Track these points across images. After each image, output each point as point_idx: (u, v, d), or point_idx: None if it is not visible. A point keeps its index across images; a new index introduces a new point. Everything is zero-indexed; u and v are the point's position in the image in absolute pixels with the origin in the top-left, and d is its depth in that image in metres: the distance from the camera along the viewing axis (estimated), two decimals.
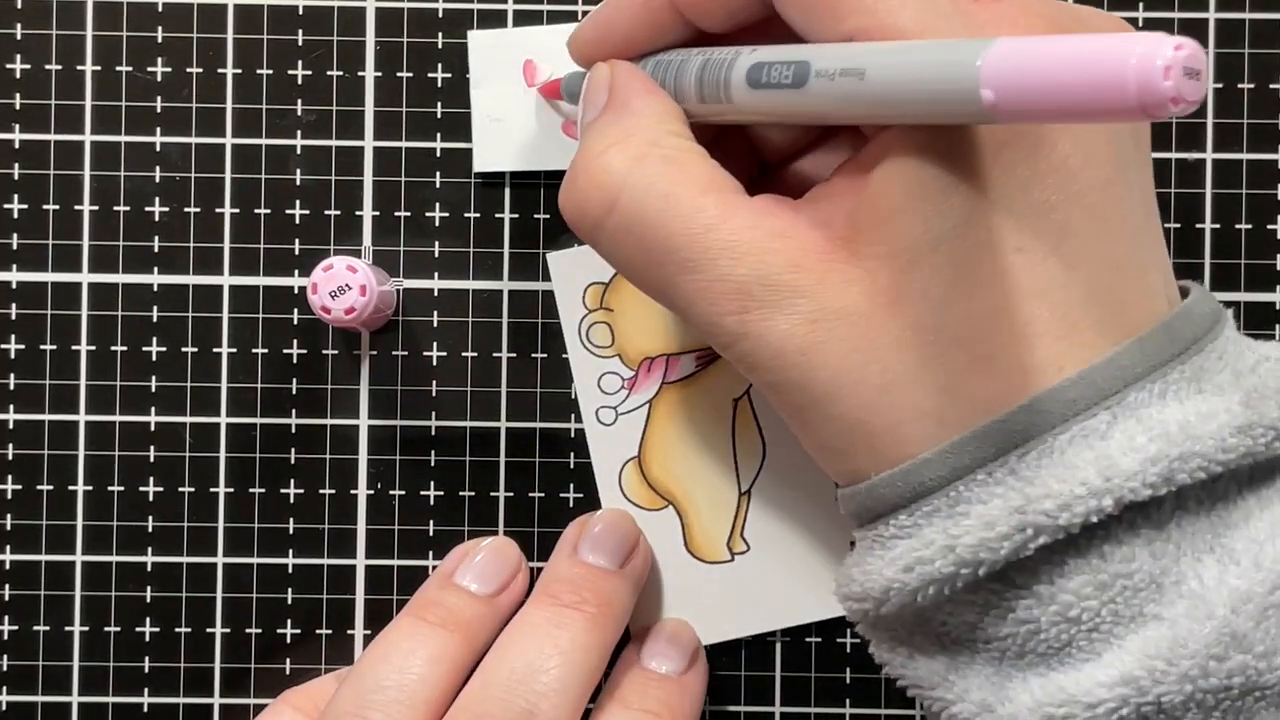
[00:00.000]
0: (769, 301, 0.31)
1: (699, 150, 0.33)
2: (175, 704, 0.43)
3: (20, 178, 0.43)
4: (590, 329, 0.43)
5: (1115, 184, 0.31)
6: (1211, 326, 0.32)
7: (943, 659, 0.32)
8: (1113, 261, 0.31)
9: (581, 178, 0.33)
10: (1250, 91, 0.43)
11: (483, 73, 0.43)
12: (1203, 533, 0.31)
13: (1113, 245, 0.31)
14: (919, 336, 0.30)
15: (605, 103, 0.35)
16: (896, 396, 0.30)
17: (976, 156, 0.30)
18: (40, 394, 0.43)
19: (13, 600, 0.43)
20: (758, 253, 0.31)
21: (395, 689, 0.37)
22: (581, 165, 0.33)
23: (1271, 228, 0.43)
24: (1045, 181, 0.30)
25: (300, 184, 0.43)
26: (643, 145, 0.33)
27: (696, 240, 0.31)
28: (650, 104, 0.34)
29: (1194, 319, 0.32)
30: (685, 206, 0.32)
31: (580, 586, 0.40)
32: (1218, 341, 0.32)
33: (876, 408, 0.31)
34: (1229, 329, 0.32)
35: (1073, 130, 0.30)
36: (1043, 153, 0.30)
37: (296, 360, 0.43)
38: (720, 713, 0.43)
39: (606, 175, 0.33)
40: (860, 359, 0.30)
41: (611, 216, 0.32)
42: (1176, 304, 0.32)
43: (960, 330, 0.30)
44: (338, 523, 0.43)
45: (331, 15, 0.43)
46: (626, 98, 0.34)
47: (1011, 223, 0.30)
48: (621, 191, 0.32)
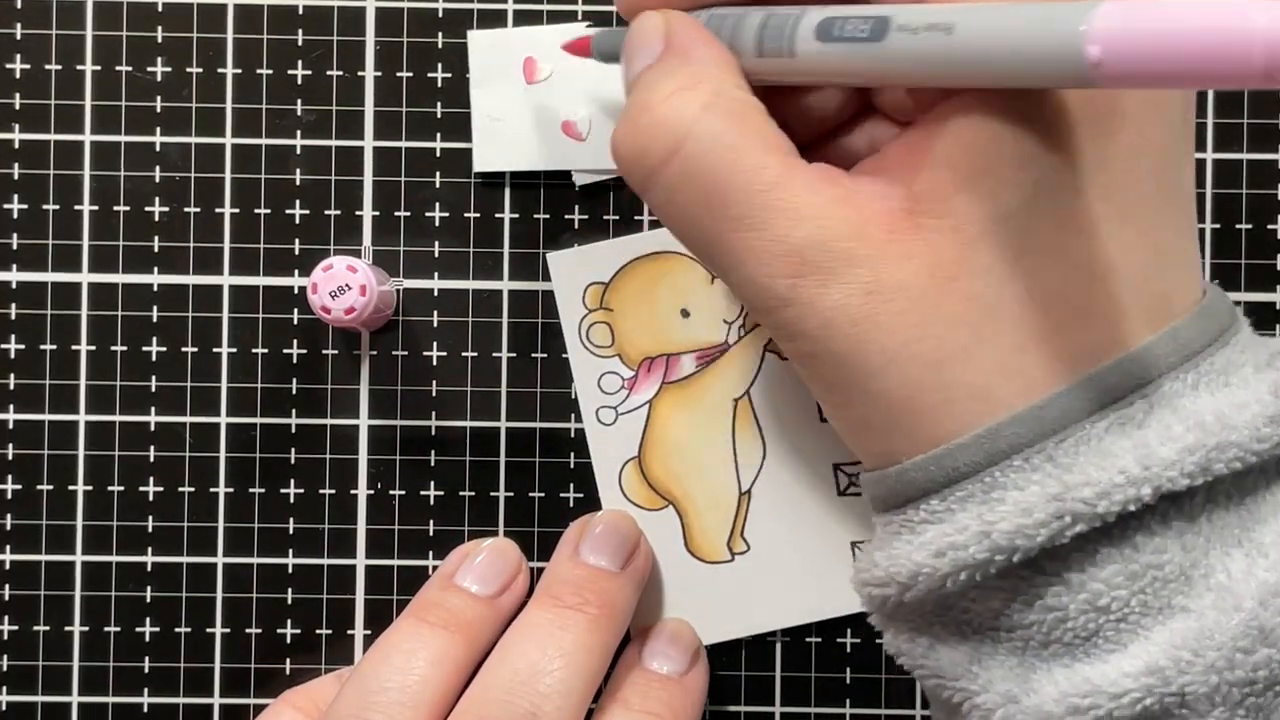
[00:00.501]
0: (825, 268, 0.30)
1: (761, 106, 0.32)
2: (175, 704, 0.43)
3: (20, 178, 0.43)
4: (590, 329, 0.43)
5: (1170, 171, 0.31)
6: (1232, 321, 0.32)
7: (965, 649, 0.32)
8: (1161, 250, 0.31)
9: (644, 119, 0.32)
10: (1250, 92, 0.43)
11: (483, 73, 0.43)
12: (1231, 526, 0.30)
13: (1162, 234, 0.31)
14: (976, 313, 0.29)
15: (661, 50, 0.33)
16: (948, 374, 0.30)
17: (1047, 135, 0.29)
18: (40, 394, 0.43)
19: (13, 600, 0.43)
20: (818, 218, 0.30)
21: (398, 690, 0.37)
22: (644, 106, 0.32)
23: (1271, 228, 0.43)
24: (1112, 165, 0.30)
25: (300, 184, 0.43)
26: (710, 94, 0.31)
27: (757, 198, 0.30)
28: (712, 53, 0.32)
29: (1219, 312, 0.31)
30: (750, 161, 0.30)
31: (582, 588, 0.40)
32: (1239, 335, 0.32)
33: (926, 385, 0.30)
34: (1246, 324, 0.32)
35: (1140, 116, 0.30)
36: (1113, 136, 0.30)
37: (296, 360, 0.43)
38: (720, 713, 0.43)
39: (675, 119, 0.31)
40: (916, 334, 0.29)
41: (672, 163, 0.31)
42: (1203, 297, 0.32)
43: (1017, 309, 0.29)
44: (338, 523, 0.43)
45: (331, 15, 0.43)
46: (687, 45, 0.33)
47: (1078, 204, 0.29)
48: (687, 138, 0.31)
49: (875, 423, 0.31)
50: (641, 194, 0.32)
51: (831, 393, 0.32)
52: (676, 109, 0.31)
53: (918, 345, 0.29)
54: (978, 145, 0.29)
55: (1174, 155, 0.31)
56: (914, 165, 0.30)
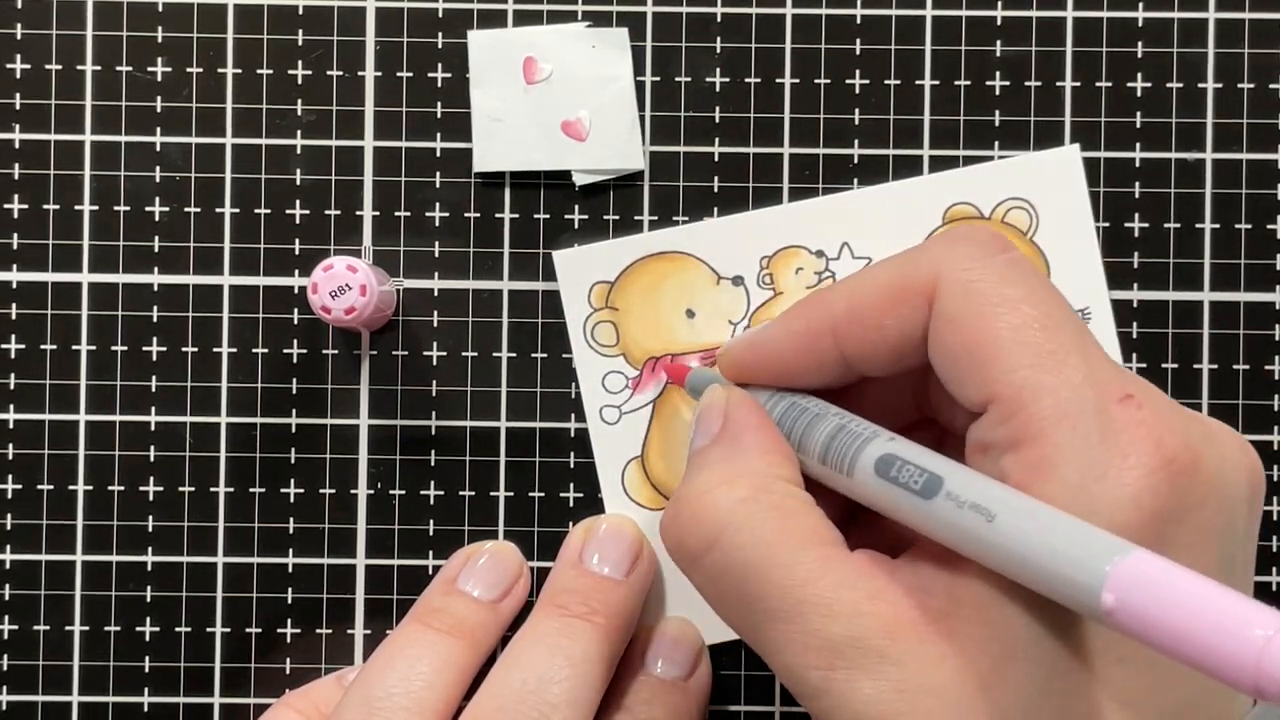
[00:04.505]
0: (857, 663, 0.30)
1: (805, 498, 0.33)
2: (175, 704, 0.43)
3: (20, 178, 0.43)
4: (595, 328, 0.43)
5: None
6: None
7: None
8: (1204, 681, 0.30)
9: (685, 512, 0.33)
10: (1250, 91, 0.43)
11: (483, 73, 0.43)
12: None
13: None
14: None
15: (718, 432, 0.34)
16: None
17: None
18: (40, 394, 0.43)
19: (13, 600, 0.43)
20: (851, 613, 0.30)
21: (402, 695, 0.37)
22: (687, 498, 0.33)
23: (1271, 228, 0.43)
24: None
25: (300, 184, 0.43)
26: (750, 488, 0.32)
27: (791, 593, 0.30)
28: (763, 442, 0.34)
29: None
30: (784, 557, 0.31)
31: (589, 597, 0.40)
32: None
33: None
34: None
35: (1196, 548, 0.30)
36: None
37: (296, 360, 0.43)
38: (720, 713, 0.43)
39: (711, 513, 0.32)
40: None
41: (710, 555, 0.32)
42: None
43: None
44: (338, 523, 0.43)
45: (331, 15, 0.43)
46: (740, 431, 0.34)
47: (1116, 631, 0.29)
48: (723, 533, 0.32)
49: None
50: (685, 574, 0.33)
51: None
52: (715, 504, 0.32)
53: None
54: None
55: (1230, 574, 0.31)
56: (957, 562, 0.30)
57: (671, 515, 0.33)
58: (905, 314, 0.32)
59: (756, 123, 0.43)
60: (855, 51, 0.43)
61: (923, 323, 0.32)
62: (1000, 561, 0.28)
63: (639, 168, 0.43)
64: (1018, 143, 0.43)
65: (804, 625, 0.30)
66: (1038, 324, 0.30)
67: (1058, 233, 0.43)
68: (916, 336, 0.32)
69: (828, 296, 0.34)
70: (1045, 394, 0.29)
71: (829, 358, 0.34)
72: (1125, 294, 0.43)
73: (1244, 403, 0.43)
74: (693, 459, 0.35)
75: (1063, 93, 0.43)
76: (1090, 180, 0.43)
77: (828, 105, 0.43)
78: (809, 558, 0.31)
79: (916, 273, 0.32)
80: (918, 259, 0.33)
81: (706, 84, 0.43)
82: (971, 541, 0.29)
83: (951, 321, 0.31)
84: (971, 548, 0.29)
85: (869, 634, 0.30)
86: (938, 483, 0.30)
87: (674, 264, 0.43)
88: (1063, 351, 0.30)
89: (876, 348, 0.33)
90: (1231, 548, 0.30)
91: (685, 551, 0.33)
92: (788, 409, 0.35)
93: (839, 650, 0.30)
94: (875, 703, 0.29)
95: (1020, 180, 0.43)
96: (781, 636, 0.31)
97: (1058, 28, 0.43)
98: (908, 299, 0.32)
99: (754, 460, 0.33)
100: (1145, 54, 0.43)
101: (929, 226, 0.43)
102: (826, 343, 0.34)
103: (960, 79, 0.43)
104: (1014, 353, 0.30)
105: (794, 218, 0.43)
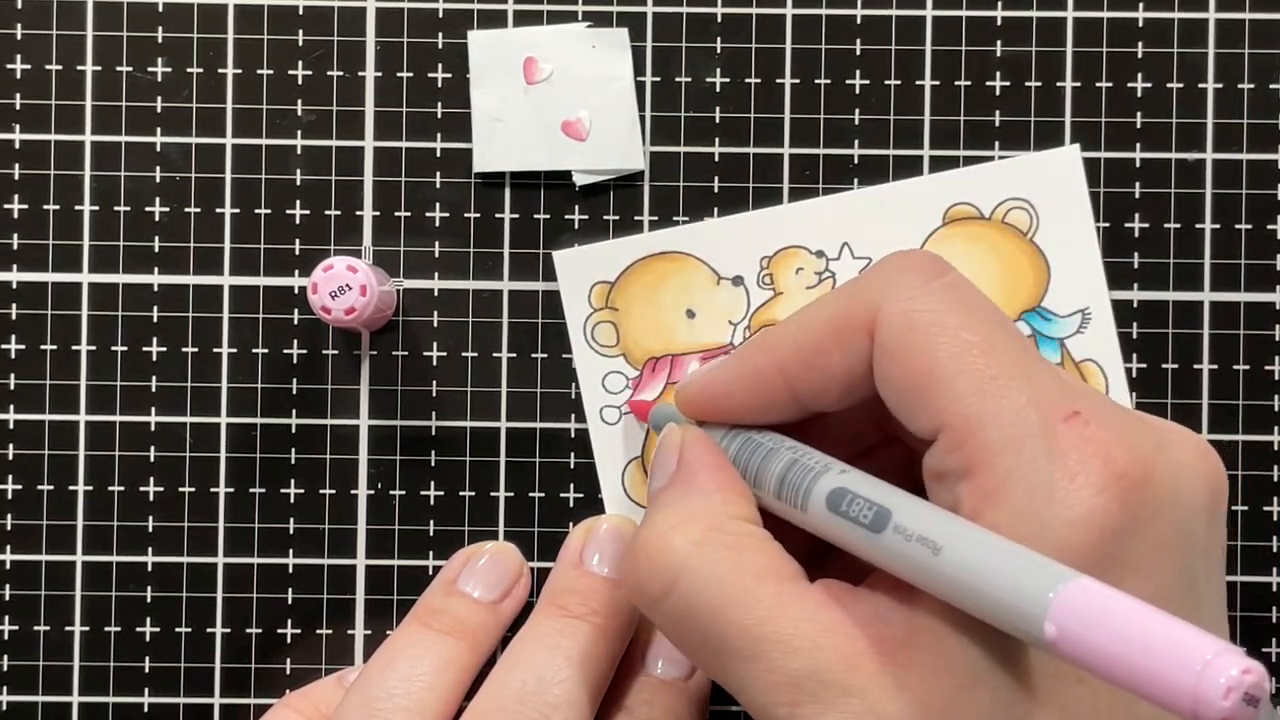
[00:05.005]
0: (820, 698, 0.30)
1: (761, 535, 0.33)
2: (175, 704, 0.43)
3: (20, 178, 0.43)
4: (595, 328, 0.43)
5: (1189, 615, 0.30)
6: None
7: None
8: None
9: (642, 556, 0.33)
10: (1250, 91, 0.43)
11: (483, 73, 0.43)
12: None
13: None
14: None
15: (674, 472, 0.35)
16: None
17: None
18: (40, 394, 0.43)
19: (13, 600, 0.43)
20: (811, 648, 0.30)
21: (403, 696, 0.38)
22: (643, 542, 0.33)
23: (1271, 228, 0.43)
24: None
25: (300, 184, 0.43)
26: (704, 530, 0.32)
27: (750, 631, 0.31)
28: (717, 481, 0.34)
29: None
30: (742, 596, 0.31)
31: (589, 597, 0.40)
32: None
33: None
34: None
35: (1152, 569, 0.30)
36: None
37: (296, 360, 0.43)
38: (721, 713, 0.43)
39: (667, 557, 0.32)
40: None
41: (669, 599, 0.32)
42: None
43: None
44: (338, 523, 0.43)
45: (331, 15, 0.43)
46: (694, 471, 0.34)
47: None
48: (680, 576, 0.32)
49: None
50: (649, 618, 0.34)
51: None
52: (669, 547, 0.32)
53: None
54: None
55: (1195, 598, 0.31)
56: (917, 593, 0.30)
57: (631, 560, 0.33)
58: (849, 349, 0.32)
59: (757, 123, 0.43)
60: (855, 51, 0.43)
61: (866, 356, 0.32)
62: (948, 593, 0.29)
63: (639, 168, 0.43)
64: (1018, 143, 0.43)
65: (766, 663, 0.30)
66: (978, 349, 0.30)
67: (1058, 233, 0.43)
68: (862, 370, 0.32)
69: (772, 338, 0.34)
70: (990, 421, 0.29)
71: (780, 397, 0.34)
72: (1125, 294, 0.43)
73: (1244, 403, 0.43)
74: (651, 501, 0.35)
75: (1063, 93, 0.43)
76: (1090, 180, 0.43)
77: (828, 105, 0.43)
78: (766, 595, 0.31)
79: (856, 307, 0.32)
80: (857, 293, 0.33)
81: (707, 84, 0.43)
82: (921, 573, 0.29)
83: (893, 354, 0.31)
84: (921, 579, 0.29)
85: (829, 668, 0.30)
86: (886, 516, 0.30)
87: (674, 264, 0.43)
88: (1004, 376, 0.30)
89: (824, 385, 0.33)
90: (1191, 559, 0.30)
91: (645, 596, 0.33)
92: (743, 445, 0.35)
93: (801, 686, 0.30)
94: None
95: (1020, 180, 0.43)
96: (746, 675, 0.31)
97: (1058, 28, 0.43)
98: (849, 334, 0.32)
99: (708, 500, 0.33)
100: (1145, 54, 0.43)
101: (929, 227, 0.43)
102: (776, 383, 0.34)
103: (960, 79, 0.43)
104: (956, 382, 0.30)
105: (794, 218, 0.43)
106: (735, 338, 0.43)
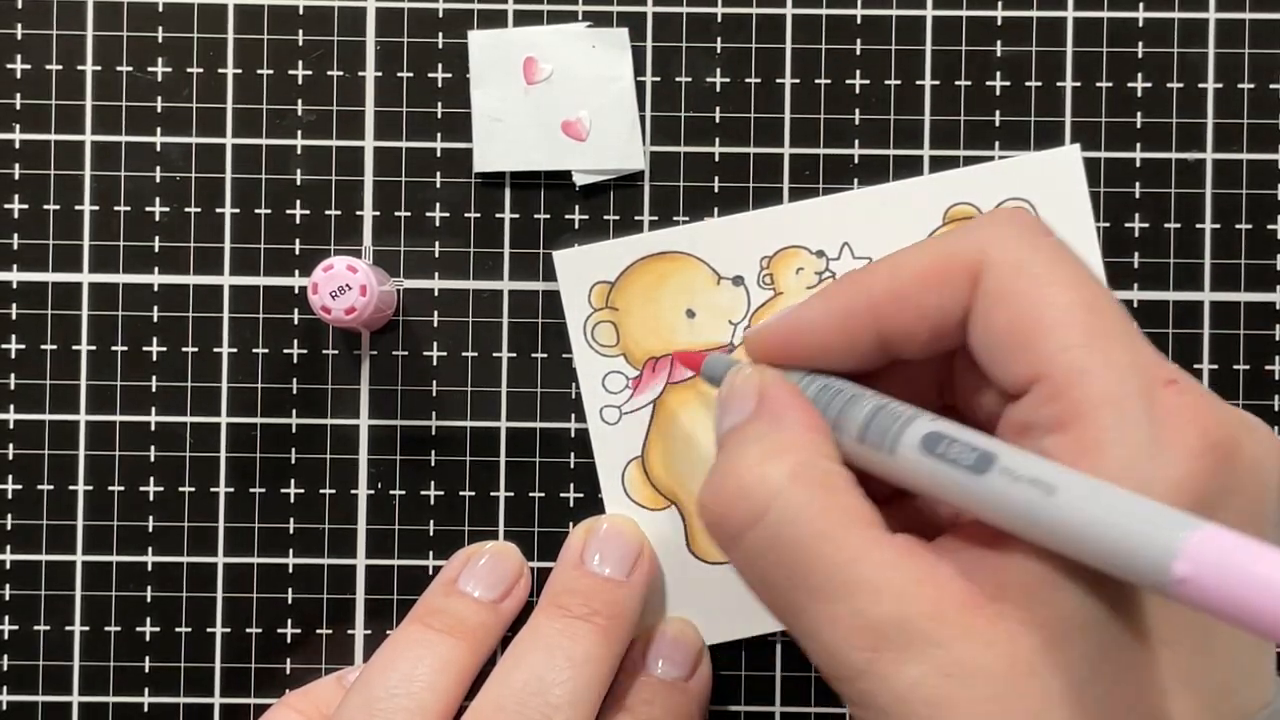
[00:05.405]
0: (903, 646, 0.29)
1: (849, 476, 0.32)
2: (175, 704, 0.43)
3: (20, 178, 0.43)
4: (595, 328, 0.43)
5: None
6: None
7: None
8: (1243, 666, 0.30)
9: (730, 486, 0.32)
10: (1250, 91, 0.43)
11: (483, 73, 0.43)
12: None
13: (1243, 649, 0.30)
14: (1054, 710, 0.29)
15: (753, 409, 0.33)
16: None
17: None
18: (40, 394, 0.43)
19: (13, 600, 0.43)
20: (898, 595, 0.29)
21: (404, 696, 0.38)
22: (731, 471, 0.32)
23: (1271, 228, 0.43)
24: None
25: (300, 184, 0.43)
26: (796, 464, 0.31)
27: (839, 572, 0.30)
28: (804, 420, 0.33)
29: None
30: (832, 535, 0.30)
31: (590, 598, 0.40)
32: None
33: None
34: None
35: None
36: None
37: (296, 360, 0.43)
38: (720, 713, 0.43)
39: (759, 488, 0.31)
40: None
41: (755, 530, 0.31)
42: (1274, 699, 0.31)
43: (1096, 712, 0.29)
44: (338, 523, 0.43)
45: (331, 15, 0.43)
46: (780, 409, 0.33)
47: (1163, 613, 0.29)
48: (771, 508, 0.31)
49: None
50: (724, 552, 0.33)
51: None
52: (761, 478, 0.31)
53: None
54: None
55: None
56: (1002, 545, 0.30)
57: (714, 487, 0.32)
58: (948, 292, 0.32)
59: (757, 123, 0.43)
60: (855, 51, 0.43)
61: (964, 302, 0.32)
62: (1060, 537, 0.28)
63: (639, 168, 0.43)
64: (1018, 143, 0.43)
65: (850, 605, 0.30)
66: (1086, 306, 0.30)
67: (1058, 233, 0.43)
68: (957, 316, 0.32)
69: (866, 275, 0.34)
70: (1094, 375, 0.29)
71: (864, 338, 0.34)
72: (1125, 294, 0.43)
73: (1244, 403, 0.43)
74: (729, 436, 0.33)
75: (1063, 93, 0.43)
76: (1090, 180, 0.43)
77: (828, 105, 0.43)
78: (856, 537, 0.30)
79: (961, 251, 0.32)
80: (962, 238, 0.32)
81: (706, 84, 0.43)
82: (1030, 517, 0.28)
83: (999, 298, 0.31)
84: (1029, 523, 0.28)
85: (915, 616, 0.29)
86: (990, 458, 0.29)
87: (674, 264, 0.43)
88: (1111, 334, 0.30)
89: (916, 327, 0.33)
90: (1265, 533, 0.30)
91: (728, 527, 0.32)
92: (821, 389, 0.34)
93: (884, 632, 0.29)
94: (920, 686, 0.29)
95: (1021, 180, 0.43)
96: (825, 615, 0.30)
97: (1058, 28, 0.43)
98: (951, 277, 0.32)
99: (798, 435, 0.32)
100: (1145, 54, 0.43)
101: (929, 227, 0.43)
102: (863, 322, 0.33)
103: (960, 79, 0.43)
104: (1063, 333, 0.30)
105: (794, 218, 0.43)
106: (735, 337, 0.43)
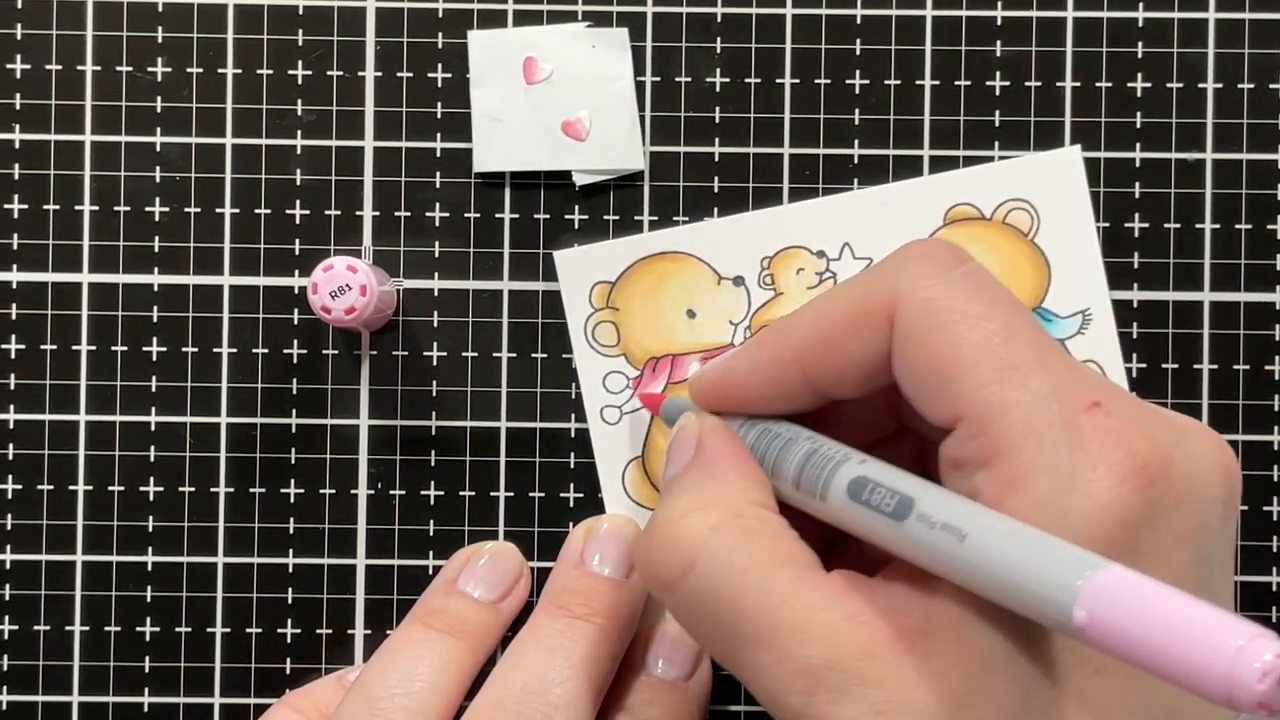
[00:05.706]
0: (836, 687, 0.29)
1: (779, 522, 0.32)
2: (175, 704, 0.43)
3: (20, 178, 0.43)
4: (596, 328, 0.43)
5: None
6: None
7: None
8: (1173, 711, 0.30)
9: (659, 538, 0.33)
10: (1250, 91, 0.43)
11: (483, 73, 0.43)
12: None
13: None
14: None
15: (691, 459, 0.34)
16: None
17: None
18: (40, 394, 0.43)
19: (13, 600, 0.43)
20: (829, 636, 0.30)
21: (404, 696, 0.38)
22: (660, 525, 0.33)
23: (1271, 228, 0.43)
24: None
25: (300, 184, 0.43)
26: (723, 514, 0.32)
27: (767, 617, 0.30)
28: (736, 468, 0.34)
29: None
30: (759, 582, 0.31)
31: (590, 598, 0.40)
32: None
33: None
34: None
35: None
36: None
37: (296, 360, 0.43)
38: (720, 713, 0.43)
39: (685, 540, 0.32)
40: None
41: (685, 582, 0.32)
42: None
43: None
44: (338, 523, 0.43)
45: (331, 15, 0.43)
46: (712, 459, 0.34)
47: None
48: (697, 559, 0.32)
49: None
50: (661, 603, 0.33)
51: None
52: (687, 530, 0.32)
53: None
54: None
55: (1209, 586, 0.31)
56: (932, 584, 0.30)
57: (646, 541, 0.33)
58: (868, 336, 0.32)
59: (757, 123, 0.43)
60: (855, 51, 0.43)
61: (885, 343, 0.32)
62: (973, 580, 0.28)
63: (639, 168, 0.43)
64: (1018, 143, 0.43)
65: (780, 650, 0.30)
66: (999, 338, 0.30)
67: (1059, 233, 0.43)
68: (880, 357, 0.32)
69: (789, 325, 0.34)
70: (1012, 409, 0.29)
71: (797, 385, 0.34)
72: (1125, 294, 0.43)
73: (1244, 403, 0.43)
74: (667, 486, 0.35)
75: (1063, 93, 0.43)
76: (1090, 180, 0.43)
77: (828, 105, 0.43)
78: (783, 581, 0.31)
79: (875, 293, 0.32)
80: (875, 279, 0.32)
81: (706, 84, 0.43)
82: (944, 561, 0.29)
83: (913, 340, 0.31)
84: (944, 568, 0.29)
85: (847, 656, 0.29)
86: (909, 504, 0.30)
87: (675, 264, 0.43)
88: (1026, 365, 0.30)
89: (842, 372, 0.33)
90: (1207, 550, 0.30)
91: (660, 578, 0.32)
92: (760, 435, 0.35)
93: (817, 674, 0.30)
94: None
95: (1021, 181, 0.43)
96: (760, 663, 0.30)
97: (1058, 28, 0.43)
98: (868, 321, 0.32)
99: (727, 485, 0.33)
100: (1145, 54, 0.43)
101: (930, 227, 0.43)
102: (793, 371, 0.34)
103: (960, 79, 0.43)
104: (978, 369, 0.30)
105: (795, 218, 0.43)
106: (736, 338, 0.43)
